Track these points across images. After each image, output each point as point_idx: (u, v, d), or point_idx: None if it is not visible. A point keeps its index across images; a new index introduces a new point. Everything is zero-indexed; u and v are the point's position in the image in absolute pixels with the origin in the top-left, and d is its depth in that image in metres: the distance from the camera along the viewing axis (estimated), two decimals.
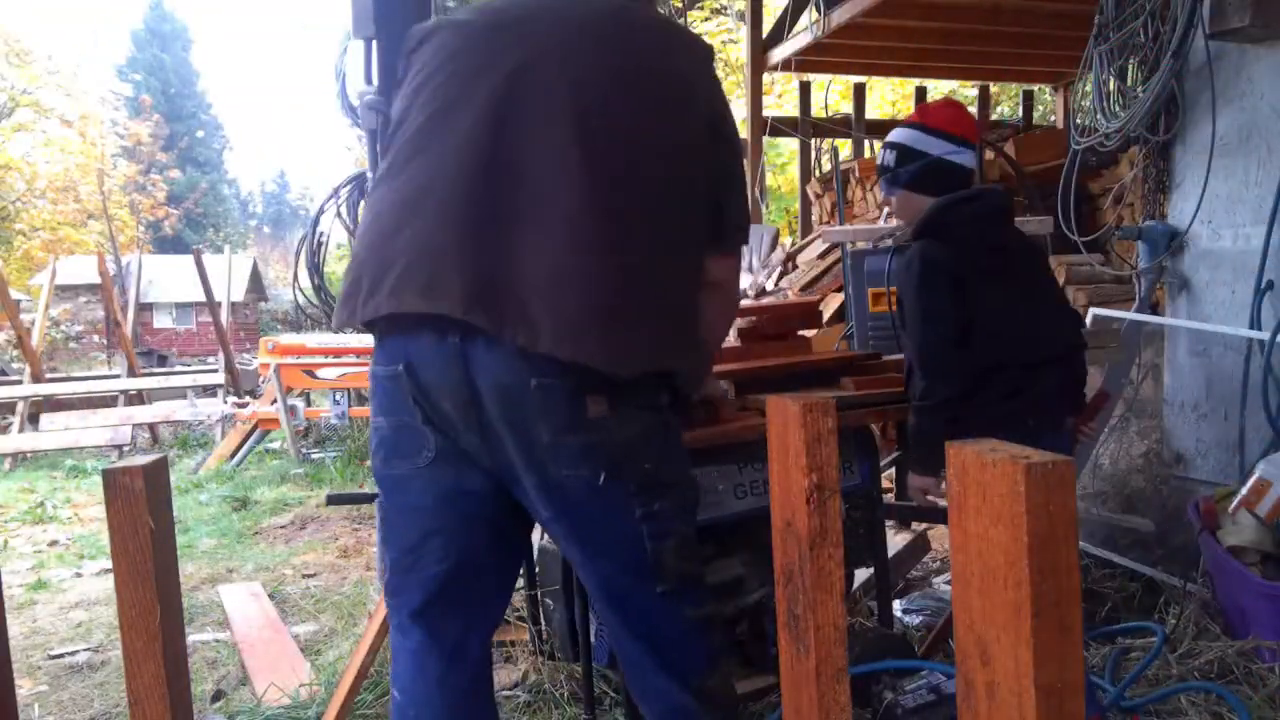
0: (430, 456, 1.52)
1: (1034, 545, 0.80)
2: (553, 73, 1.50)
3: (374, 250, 1.50)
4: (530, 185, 1.45)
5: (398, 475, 1.57)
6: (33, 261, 22.56)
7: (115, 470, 1.19)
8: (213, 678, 3.05)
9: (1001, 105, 11.08)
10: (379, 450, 1.59)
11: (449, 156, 1.49)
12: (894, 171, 2.19)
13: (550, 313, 1.39)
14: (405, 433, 1.53)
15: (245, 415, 7.85)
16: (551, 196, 1.44)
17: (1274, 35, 3.09)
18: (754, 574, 2.29)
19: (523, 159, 1.47)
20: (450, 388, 1.45)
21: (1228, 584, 2.64)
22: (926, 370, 2.05)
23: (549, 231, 1.43)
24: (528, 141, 1.47)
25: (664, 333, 1.51)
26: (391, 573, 1.61)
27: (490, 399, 1.44)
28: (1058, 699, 0.82)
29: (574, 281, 1.41)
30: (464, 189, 1.46)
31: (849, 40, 6.44)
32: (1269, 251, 3.11)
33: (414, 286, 1.43)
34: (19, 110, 22.52)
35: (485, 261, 1.42)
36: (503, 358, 1.42)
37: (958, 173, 2.13)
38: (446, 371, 1.45)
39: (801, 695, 1.17)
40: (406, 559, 1.58)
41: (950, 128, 2.14)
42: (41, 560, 4.97)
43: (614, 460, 1.47)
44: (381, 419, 1.57)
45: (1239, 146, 3.25)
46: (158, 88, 40.28)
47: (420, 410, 1.50)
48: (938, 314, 2.03)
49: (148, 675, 1.21)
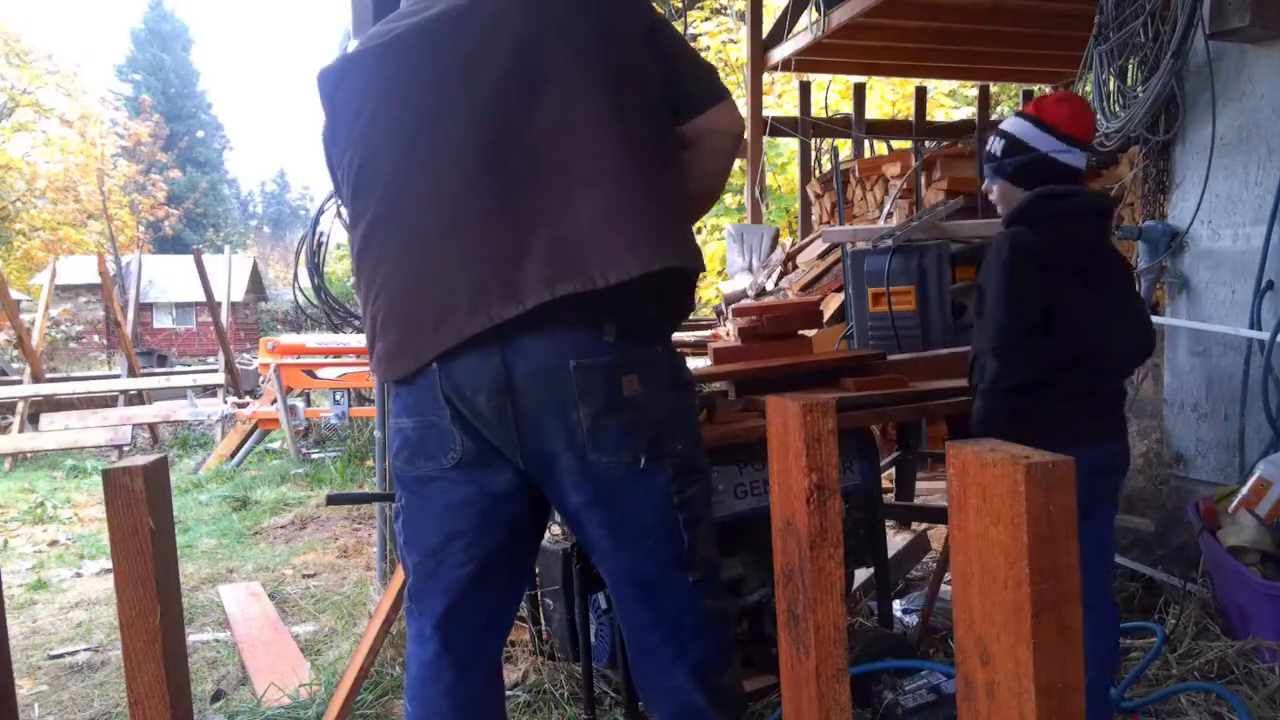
0: (455, 458, 1.53)
1: (1034, 545, 0.80)
2: (509, 46, 1.51)
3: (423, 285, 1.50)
4: (535, 149, 1.48)
5: (422, 476, 1.57)
6: (33, 261, 22.57)
7: (115, 470, 1.19)
8: (213, 678, 3.05)
9: (1001, 105, 11.08)
10: (402, 450, 1.58)
11: (460, 163, 1.49)
12: (999, 161, 2.14)
13: (624, 240, 1.44)
14: (432, 433, 1.53)
15: (245, 415, 7.85)
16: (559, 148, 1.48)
17: (1274, 35, 3.09)
18: (754, 574, 2.29)
19: (512, 130, 1.48)
20: (482, 381, 1.46)
21: (1228, 584, 2.64)
22: (1002, 353, 1.99)
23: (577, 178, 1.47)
24: (508, 114, 1.49)
25: (689, 233, 1.61)
26: (415, 577, 1.61)
27: (526, 386, 1.45)
28: (1058, 699, 0.82)
29: (623, 207, 1.47)
30: (474, 190, 1.48)
31: (849, 40, 6.45)
32: (1269, 251, 3.11)
33: (498, 298, 1.44)
34: (19, 110, 22.53)
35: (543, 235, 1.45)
36: (543, 341, 1.44)
37: (1062, 172, 2.08)
38: (483, 364, 1.46)
39: (801, 695, 1.17)
40: (429, 563, 1.58)
41: (1063, 125, 2.08)
42: (41, 560, 4.97)
43: (652, 441, 1.49)
44: (406, 419, 1.57)
45: (1239, 146, 3.25)
46: (158, 88, 40.28)
47: (450, 409, 1.50)
48: (1023, 297, 1.97)
49: (148, 675, 1.21)
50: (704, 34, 12.98)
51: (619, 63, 1.53)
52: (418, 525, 1.59)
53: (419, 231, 1.51)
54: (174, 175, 29.99)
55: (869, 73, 8.33)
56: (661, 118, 1.60)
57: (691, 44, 1.88)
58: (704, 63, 1.71)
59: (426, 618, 1.59)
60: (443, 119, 1.51)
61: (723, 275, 9.32)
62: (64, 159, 23.47)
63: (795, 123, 7.84)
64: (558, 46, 1.51)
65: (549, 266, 1.43)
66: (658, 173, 1.54)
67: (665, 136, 1.60)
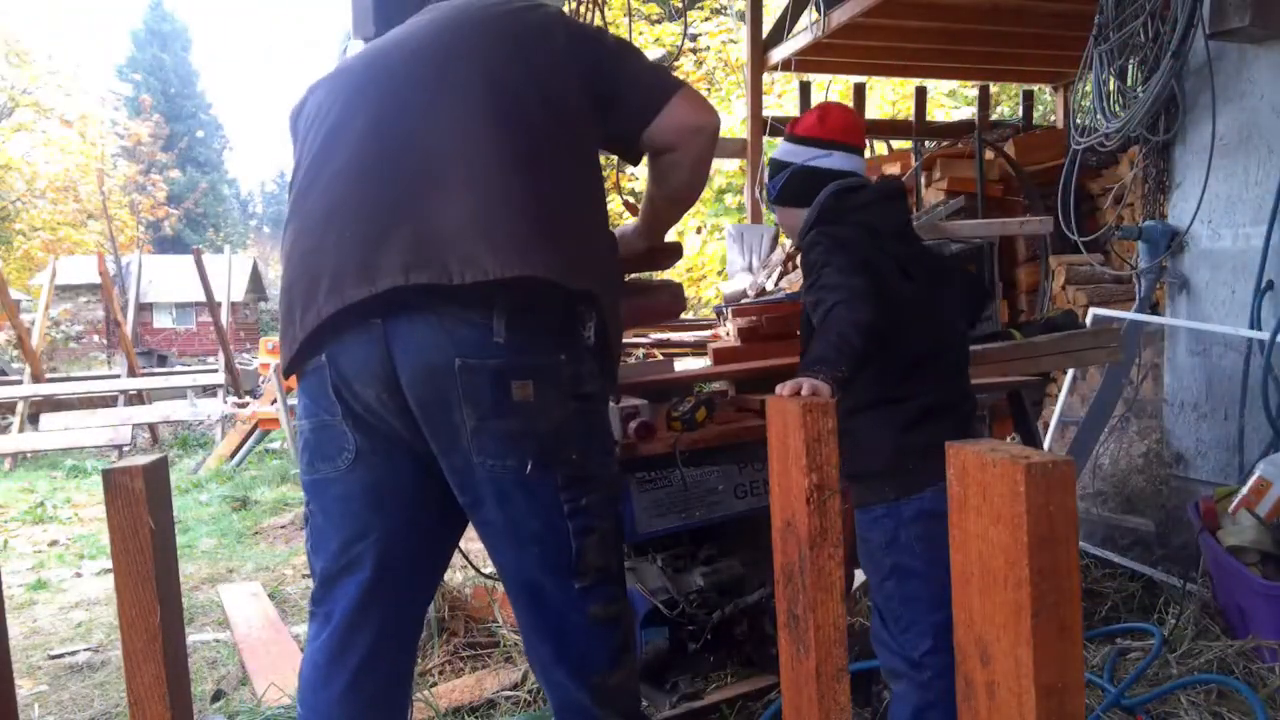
0: (350, 458, 1.51)
1: (1034, 545, 0.80)
2: (416, 61, 1.56)
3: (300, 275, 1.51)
4: (428, 152, 1.48)
5: (321, 479, 1.55)
6: (33, 261, 22.54)
7: (115, 470, 1.19)
8: (213, 678, 3.05)
9: (1001, 105, 11.08)
10: (302, 455, 1.58)
11: (347, 165, 1.52)
12: (767, 187, 2.04)
13: (488, 243, 1.41)
14: (325, 433, 1.52)
15: (245, 415, 7.85)
16: (451, 155, 1.47)
17: (1274, 35, 3.10)
18: (754, 574, 2.29)
19: (411, 131, 1.50)
20: (370, 373, 1.45)
21: (1228, 584, 2.64)
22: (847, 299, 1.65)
23: (460, 183, 1.45)
24: (411, 119, 1.51)
25: (589, 260, 1.53)
26: (318, 581, 1.58)
27: (411, 382, 1.43)
28: (1058, 699, 0.82)
29: (498, 215, 1.43)
30: (364, 183, 1.49)
31: (849, 40, 6.44)
32: (1269, 251, 3.12)
33: (351, 280, 1.43)
34: (19, 110, 22.51)
35: (408, 227, 1.43)
36: (428, 335, 1.42)
37: (828, 179, 1.92)
38: (368, 356, 1.44)
39: (801, 695, 1.17)
40: (332, 567, 1.56)
41: (813, 130, 1.96)
42: (41, 560, 4.97)
43: (542, 448, 1.45)
44: (304, 421, 1.56)
45: (1239, 146, 3.25)
46: (158, 88, 40.31)
47: (341, 404, 1.49)
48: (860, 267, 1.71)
49: (148, 675, 1.21)
50: (704, 34, 12.99)
51: (530, 74, 1.54)
52: (321, 531, 1.57)
53: (308, 221, 1.53)
54: (174, 175, 30.00)
55: (869, 73, 8.33)
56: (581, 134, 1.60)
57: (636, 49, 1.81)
58: (647, 68, 1.71)
59: (326, 621, 1.56)
60: (356, 118, 1.54)
61: (723, 275, 9.32)
62: (64, 159, 23.45)
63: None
64: (470, 53, 1.54)
65: (408, 255, 1.41)
66: (555, 187, 1.51)
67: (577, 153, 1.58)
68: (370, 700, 1.57)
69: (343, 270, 1.44)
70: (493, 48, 1.56)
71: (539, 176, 1.48)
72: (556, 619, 1.54)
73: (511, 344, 1.42)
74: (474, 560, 2.40)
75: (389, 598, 1.56)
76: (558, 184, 1.52)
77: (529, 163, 1.48)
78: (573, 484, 1.49)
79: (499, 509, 1.48)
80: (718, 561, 2.29)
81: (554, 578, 1.52)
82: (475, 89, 1.51)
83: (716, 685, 2.41)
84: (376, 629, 1.56)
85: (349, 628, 1.55)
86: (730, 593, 2.25)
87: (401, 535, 1.56)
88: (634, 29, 10.51)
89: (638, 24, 11.77)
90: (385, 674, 1.59)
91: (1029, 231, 4.88)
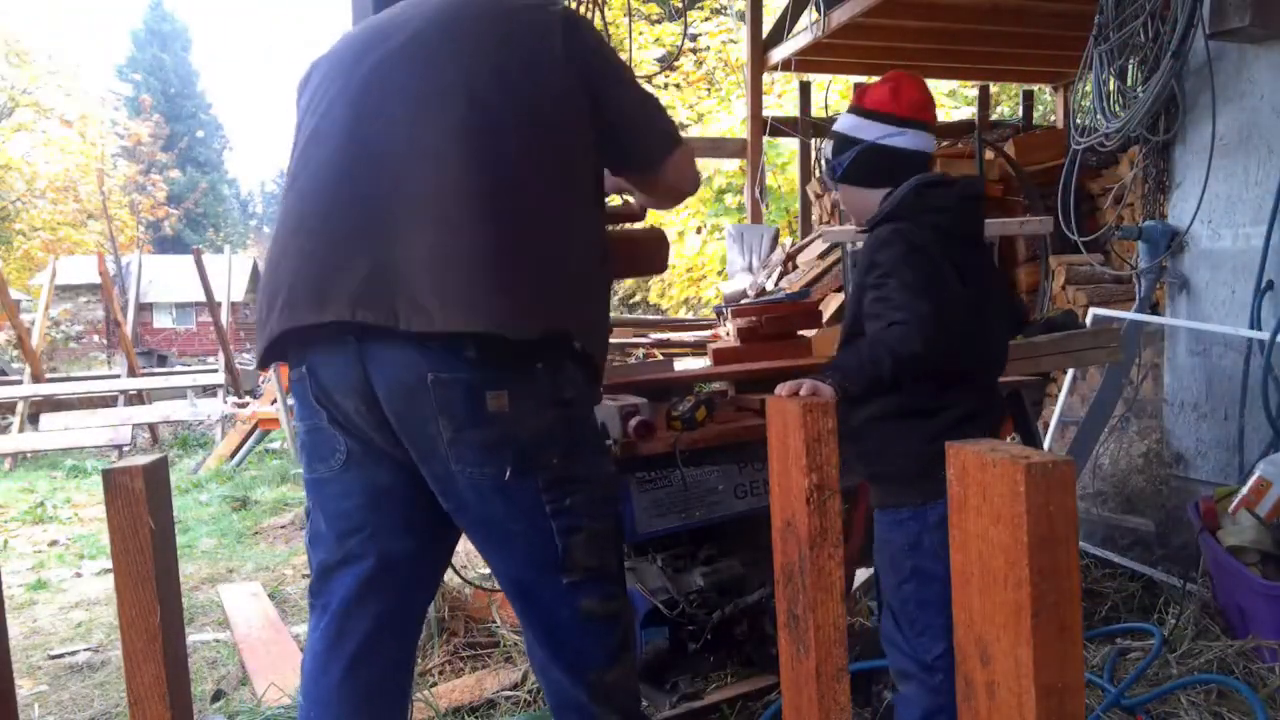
0: (342, 458, 1.55)
1: (1034, 545, 0.80)
2: (403, 63, 1.53)
3: (266, 281, 1.55)
4: (398, 176, 1.46)
5: (317, 479, 1.60)
6: (33, 261, 22.54)
7: (115, 470, 1.19)
8: (213, 678, 3.04)
9: (1001, 105, 11.08)
10: (301, 455, 1.62)
11: (321, 170, 1.52)
12: (831, 163, 1.91)
13: (437, 291, 1.39)
14: (318, 435, 1.56)
15: (245, 415, 7.85)
16: (419, 181, 1.45)
17: (1274, 35, 3.10)
18: (754, 574, 2.29)
19: (385, 150, 1.48)
20: (349, 387, 1.47)
21: (1228, 584, 2.64)
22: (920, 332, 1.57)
23: (422, 215, 1.43)
24: (387, 134, 1.49)
25: (555, 294, 1.49)
26: (316, 573, 1.61)
27: (389, 397, 1.45)
28: (1058, 699, 0.82)
29: (454, 257, 1.41)
30: (333, 196, 1.49)
31: (849, 40, 6.44)
32: (1269, 251, 3.12)
33: (303, 301, 1.45)
34: (19, 110, 22.51)
35: (365, 259, 1.43)
36: (400, 353, 1.42)
37: (900, 158, 1.81)
38: (345, 371, 1.47)
39: (801, 695, 1.17)
40: (330, 560, 1.59)
41: (885, 106, 1.83)
42: (41, 560, 4.97)
43: (520, 455, 1.46)
44: (299, 424, 1.61)
45: (1239, 146, 3.25)
46: (158, 88, 40.31)
47: (325, 412, 1.52)
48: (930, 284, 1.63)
49: (148, 675, 1.21)
50: (704, 34, 12.99)
51: (516, 88, 1.50)
52: (319, 527, 1.61)
53: (284, 221, 1.55)
54: (174, 175, 30.00)
55: (869, 73, 8.32)
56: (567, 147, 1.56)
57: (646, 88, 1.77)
58: (657, 114, 1.70)
59: (324, 612, 1.59)
60: (343, 111, 1.54)
61: (723, 275, 9.32)
62: (64, 159, 23.44)
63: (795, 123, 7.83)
64: (458, 55, 1.52)
65: (360, 287, 1.41)
66: (525, 218, 1.46)
67: (560, 167, 1.54)
68: (368, 692, 1.59)
69: (296, 290, 1.47)
70: (484, 54, 1.52)
71: (505, 210, 1.44)
72: (547, 615, 1.56)
73: (484, 359, 1.42)
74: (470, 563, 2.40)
75: (386, 591, 1.58)
76: (529, 214, 1.48)
77: (498, 194, 1.44)
78: (554, 485, 1.50)
79: (482, 512, 1.51)
80: (718, 561, 2.29)
81: (541, 574, 1.54)
82: (458, 106, 1.47)
83: (716, 685, 2.41)
84: (373, 619, 1.58)
85: (345, 615, 1.57)
86: (730, 593, 2.25)
87: (398, 533, 1.58)
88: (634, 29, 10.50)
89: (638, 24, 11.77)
90: (382, 666, 1.61)
91: (1029, 231, 4.89)
